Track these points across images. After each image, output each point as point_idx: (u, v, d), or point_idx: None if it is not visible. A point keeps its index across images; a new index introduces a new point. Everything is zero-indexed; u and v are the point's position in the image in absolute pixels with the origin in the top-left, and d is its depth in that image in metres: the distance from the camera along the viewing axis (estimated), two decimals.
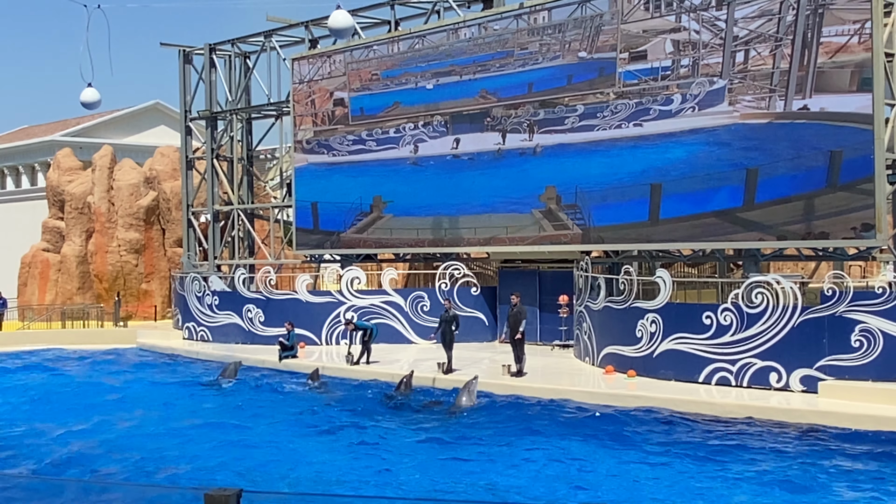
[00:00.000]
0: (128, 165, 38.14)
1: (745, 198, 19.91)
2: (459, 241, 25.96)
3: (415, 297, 26.77)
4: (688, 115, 20.81)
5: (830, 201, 18.73)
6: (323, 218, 28.92)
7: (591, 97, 22.68)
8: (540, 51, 23.90)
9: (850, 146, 18.42)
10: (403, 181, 27.02)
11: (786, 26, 19.22)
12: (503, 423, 16.40)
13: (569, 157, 23.13)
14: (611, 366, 20.15)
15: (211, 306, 28.77)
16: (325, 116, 29.01)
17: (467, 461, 13.88)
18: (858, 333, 16.78)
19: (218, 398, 20.28)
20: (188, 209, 33.58)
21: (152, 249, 36.98)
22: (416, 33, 26.88)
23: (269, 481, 12.93)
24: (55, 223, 39.29)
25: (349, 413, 17.82)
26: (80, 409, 18.74)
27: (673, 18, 21.07)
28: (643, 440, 14.86)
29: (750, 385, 17.74)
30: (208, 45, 32.69)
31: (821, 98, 18.82)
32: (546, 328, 25.29)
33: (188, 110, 33.79)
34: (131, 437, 16.07)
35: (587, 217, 22.78)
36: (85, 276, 37.29)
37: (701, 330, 18.41)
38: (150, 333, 31.18)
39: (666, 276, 19.45)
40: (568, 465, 13.56)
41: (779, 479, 12.49)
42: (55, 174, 39.82)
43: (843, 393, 16.50)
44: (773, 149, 19.50)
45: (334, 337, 26.71)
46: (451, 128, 25.90)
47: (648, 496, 12.01)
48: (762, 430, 15.26)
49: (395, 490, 12.34)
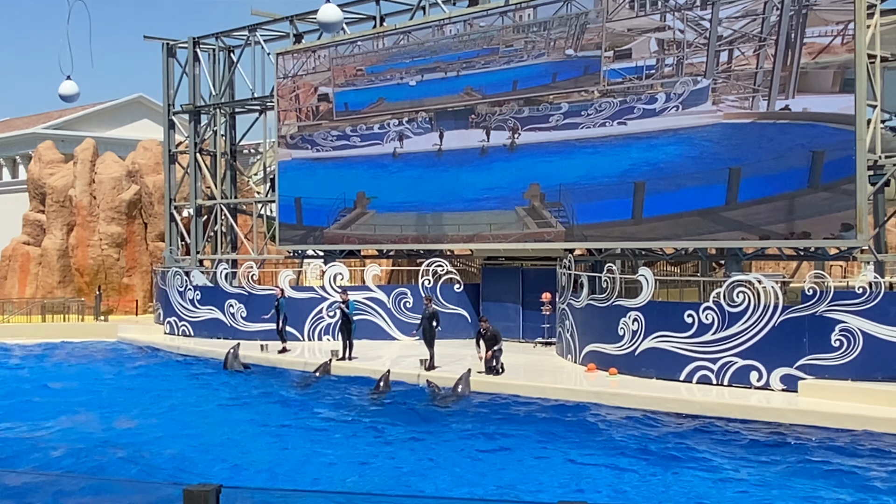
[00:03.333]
0: (110, 159, 37.88)
1: (728, 197, 19.99)
2: (443, 238, 25.95)
3: (398, 294, 26.74)
4: (671, 115, 20.87)
5: (812, 201, 18.82)
6: (306, 213, 28.84)
7: (575, 95, 22.70)
8: (525, 48, 23.91)
9: (832, 147, 18.51)
10: (387, 177, 26.97)
11: (770, 26, 19.29)
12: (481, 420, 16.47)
13: (553, 154, 23.15)
14: (593, 363, 20.21)
15: (193, 301, 28.65)
16: (310, 112, 28.93)
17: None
18: (839, 333, 16.89)
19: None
20: (171, 203, 33.42)
21: (134, 244, 36.77)
22: (401, 29, 26.83)
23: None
24: (36, 216, 39.00)
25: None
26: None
27: (657, 17, 21.12)
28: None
29: (731, 384, 17.82)
30: (192, 39, 32.52)
31: (803, 98, 18.90)
32: (528, 326, 25.33)
33: (171, 104, 33.62)
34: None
35: (571, 215, 22.82)
36: (66, 269, 37.05)
37: (683, 328, 18.48)
38: (131, 328, 31.03)
39: (648, 274, 19.51)
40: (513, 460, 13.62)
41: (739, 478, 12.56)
42: (36, 167, 39.53)
43: (822, 392, 16.60)
44: (755, 148, 19.58)
45: (317, 332, 26.66)
46: (435, 124, 25.87)
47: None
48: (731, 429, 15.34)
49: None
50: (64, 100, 28.57)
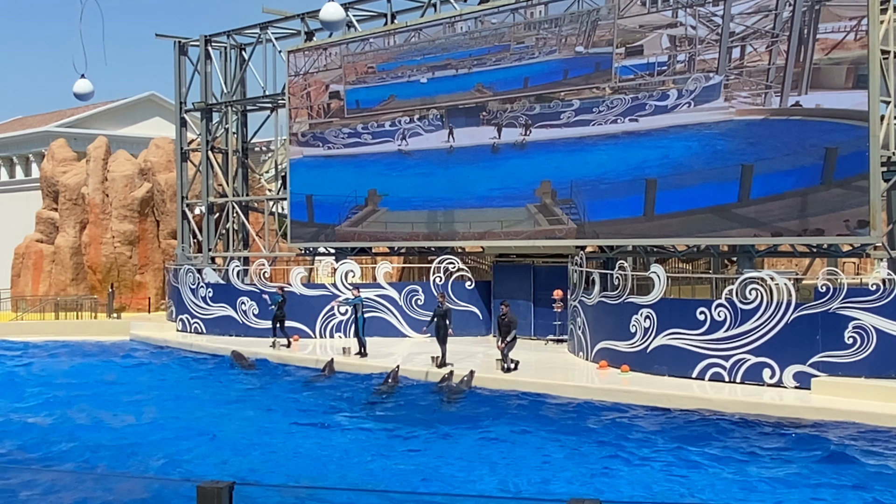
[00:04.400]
0: (122, 157, 38.00)
1: (741, 194, 19.93)
2: (454, 236, 25.95)
3: (409, 291, 26.76)
4: (683, 111, 20.81)
5: (825, 198, 18.74)
6: (318, 211, 28.88)
7: (586, 92, 22.66)
8: (536, 45, 23.87)
9: (845, 143, 18.43)
10: (398, 174, 26.99)
11: (782, 22, 19.21)
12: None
13: (564, 151, 23.12)
14: (604, 361, 20.18)
15: (205, 298, 28.73)
16: (321, 109, 28.96)
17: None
18: (852, 330, 16.82)
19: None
20: (183, 201, 33.50)
21: (146, 241, 36.88)
22: (412, 26, 26.83)
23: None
24: (49, 214, 39.16)
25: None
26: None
27: (669, 14, 21.06)
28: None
29: (743, 381, 17.77)
30: (204, 37, 32.58)
31: (816, 95, 18.82)
32: (540, 323, 25.31)
33: (183, 102, 33.68)
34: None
35: (582, 212, 22.78)
36: (79, 267, 37.20)
37: (695, 325, 18.44)
38: (144, 325, 31.12)
39: (660, 271, 19.47)
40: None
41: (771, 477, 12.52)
42: (49, 165, 39.69)
43: (836, 389, 16.53)
44: (768, 145, 19.51)
45: (328, 330, 26.71)
46: (446, 121, 25.87)
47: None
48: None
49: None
50: (79, 98, 28.70)
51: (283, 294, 25.11)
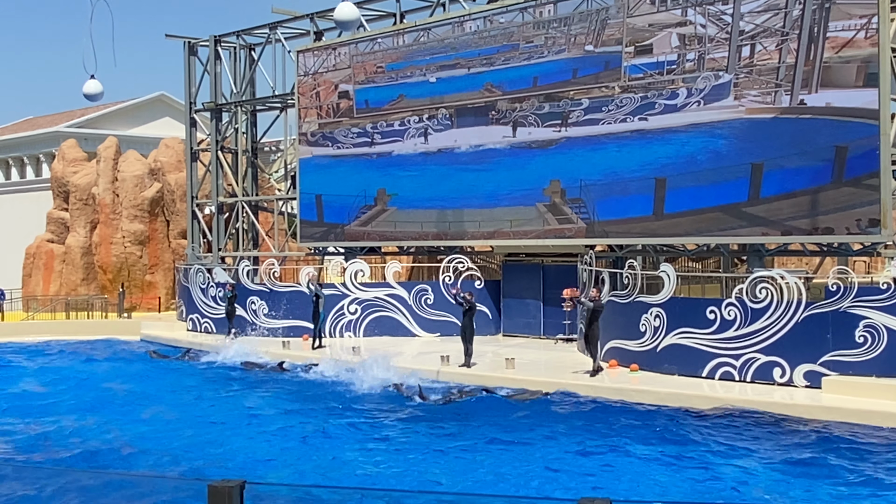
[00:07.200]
0: (132, 157, 38.14)
1: (750, 192, 19.89)
2: (463, 235, 25.96)
3: (418, 291, 26.76)
4: (693, 110, 20.78)
5: (835, 196, 18.69)
6: (327, 210, 28.92)
7: (596, 91, 22.64)
8: (545, 44, 23.86)
9: (855, 141, 18.38)
10: (408, 174, 27.00)
11: (792, 21, 19.16)
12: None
13: (573, 150, 23.10)
14: (614, 360, 20.16)
15: (215, 298, 28.80)
16: (330, 109, 29.00)
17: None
18: (862, 329, 16.76)
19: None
20: (192, 201, 33.60)
21: (156, 241, 37.01)
22: (421, 26, 26.84)
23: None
24: (59, 214, 39.33)
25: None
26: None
27: (679, 12, 21.02)
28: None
29: (753, 380, 17.73)
30: (213, 37, 32.66)
31: (827, 93, 18.77)
32: (549, 322, 25.29)
33: (193, 102, 33.78)
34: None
35: (591, 211, 22.76)
36: (89, 267, 37.34)
37: (705, 325, 18.40)
38: (154, 325, 31.22)
39: (670, 270, 19.43)
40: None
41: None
42: (60, 165, 39.86)
43: (846, 388, 16.47)
44: (778, 144, 19.46)
45: (338, 329, 26.73)
46: (455, 121, 25.87)
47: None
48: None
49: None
50: (88, 98, 28.81)
51: (234, 290, 26.90)
